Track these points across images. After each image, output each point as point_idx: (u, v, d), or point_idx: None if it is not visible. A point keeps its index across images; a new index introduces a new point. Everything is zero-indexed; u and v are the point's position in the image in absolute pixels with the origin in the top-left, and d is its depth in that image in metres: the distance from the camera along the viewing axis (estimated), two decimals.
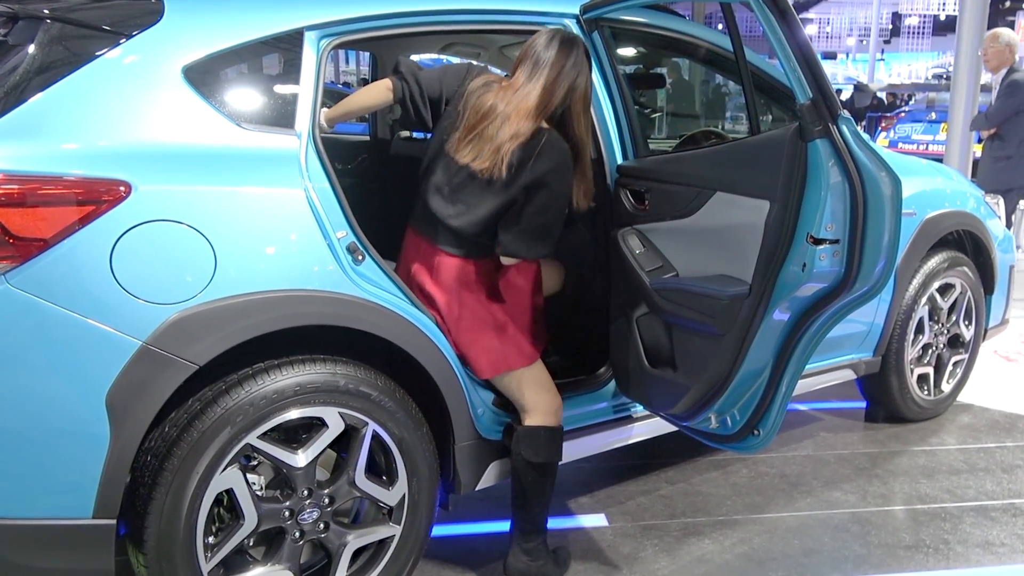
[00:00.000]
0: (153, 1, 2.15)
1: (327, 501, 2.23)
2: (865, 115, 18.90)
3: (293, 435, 2.19)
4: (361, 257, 2.22)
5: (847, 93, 20.24)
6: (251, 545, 2.20)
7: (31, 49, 2.00)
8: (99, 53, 2.01)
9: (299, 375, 2.12)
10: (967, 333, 3.91)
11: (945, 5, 38.71)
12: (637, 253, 2.61)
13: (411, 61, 2.50)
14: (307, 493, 2.20)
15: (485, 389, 2.51)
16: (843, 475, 3.36)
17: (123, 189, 1.90)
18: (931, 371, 3.84)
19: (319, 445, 2.18)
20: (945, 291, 3.77)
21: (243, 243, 2.05)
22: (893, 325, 3.58)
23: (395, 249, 2.55)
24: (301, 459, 2.16)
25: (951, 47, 9.70)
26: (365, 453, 2.25)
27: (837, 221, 2.14)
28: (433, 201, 2.40)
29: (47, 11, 2.09)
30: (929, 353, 3.81)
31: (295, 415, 2.12)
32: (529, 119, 2.29)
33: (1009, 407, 4.10)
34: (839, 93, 14.14)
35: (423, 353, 2.32)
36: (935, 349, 3.83)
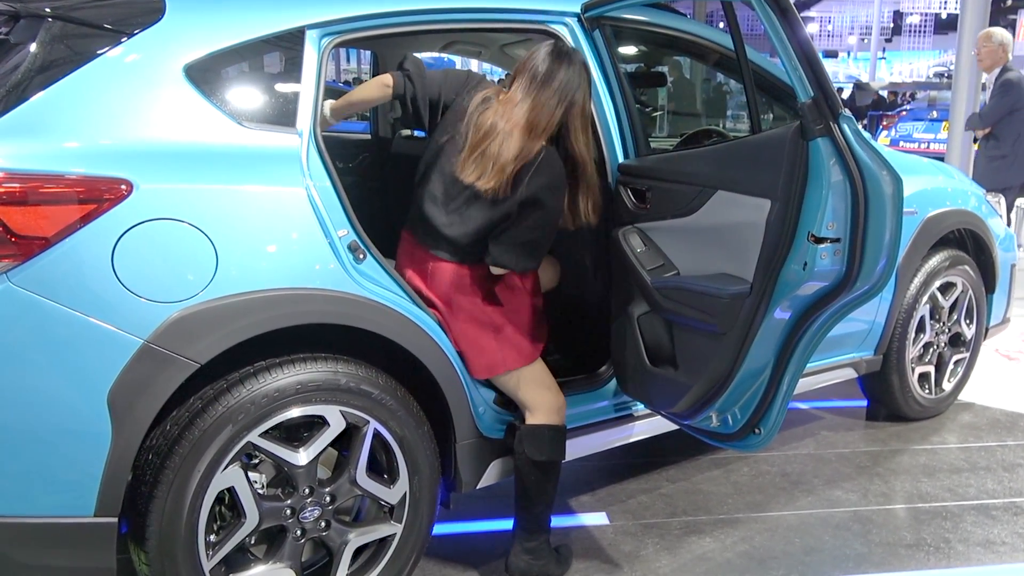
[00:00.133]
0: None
1: (328, 499, 2.23)
2: (866, 113, 18.89)
3: (294, 433, 2.19)
4: (362, 256, 2.22)
5: (848, 91, 20.25)
6: (252, 543, 2.20)
7: (33, 48, 2.00)
8: (100, 52, 2.01)
9: (300, 373, 2.13)
10: (968, 332, 3.91)
11: (946, 4, 38.67)
12: (638, 252, 2.60)
13: (417, 59, 2.49)
14: (308, 491, 2.20)
15: (486, 388, 2.51)
16: (844, 474, 3.36)
17: (124, 188, 1.90)
18: (932, 370, 3.84)
19: (320, 443, 2.18)
20: (946, 290, 3.77)
21: (244, 241, 2.05)
22: (894, 324, 3.58)
23: (396, 248, 2.55)
24: (302, 457, 2.16)
25: (953, 46, 9.70)
26: (366, 451, 2.26)
27: (838, 220, 2.14)
28: (428, 209, 2.40)
29: (49, 9, 2.09)
30: (930, 352, 3.81)
31: (296, 413, 2.13)
32: (533, 139, 2.30)
33: (1010, 406, 4.10)
34: (840, 92, 14.14)
35: (424, 352, 2.32)
36: (936, 348, 3.83)
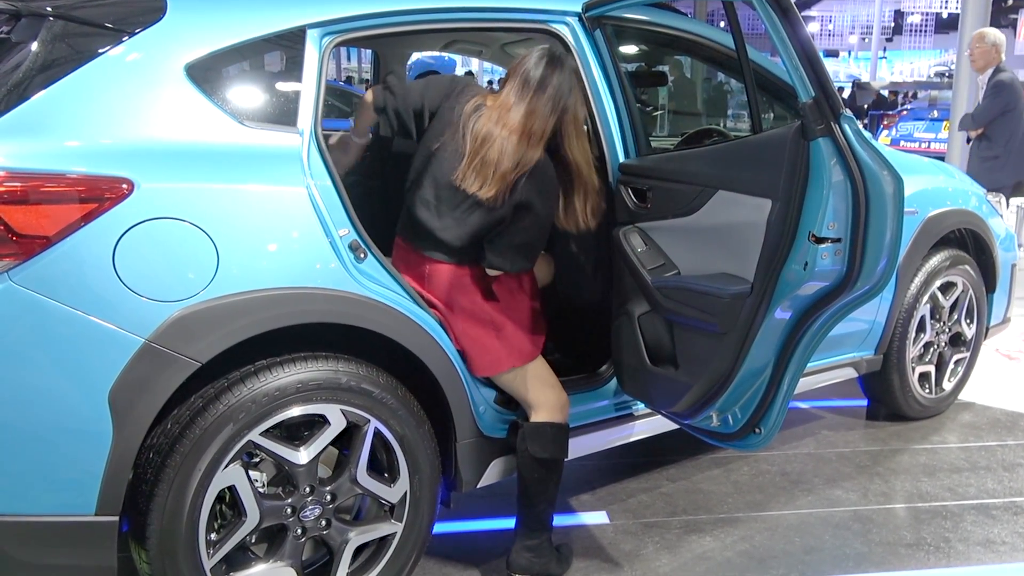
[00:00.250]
0: None
1: (329, 498, 2.23)
2: (867, 113, 18.89)
3: (295, 432, 2.20)
4: (363, 255, 2.22)
5: (849, 91, 20.25)
6: (253, 542, 2.20)
7: (34, 47, 2.01)
8: (102, 51, 2.01)
9: (301, 372, 2.13)
10: (969, 331, 3.91)
11: (947, 3, 38.63)
12: (639, 251, 2.61)
13: (399, 73, 2.53)
14: (309, 490, 2.20)
15: (487, 387, 2.52)
16: (844, 473, 3.36)
17: (126, 187, 1.90)
18: (932, 369, 3.84)
19: (321, 442, 2.19)
20: (947, 289, 3.77)
21: (245, 241, 2.05)
22: (895, 323, 3.58)
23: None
24: (303, 456, 2.16)
25: (953, 45, 9.70)
26: (367, 450, 2.26)
27: (839, 220, 2.14)
28: (421, 213, 2.41)
29: (50, 8, 2.09)
30: (931, 351, 3.81)
31: (297, 412, 2.13)
32: (532, 147, 2.31)
33: (1010, 405, 4.10)
34: (841, 91, 14.13)
35: (425, 351, 2.33)
36: (936, 347, 3.82)
